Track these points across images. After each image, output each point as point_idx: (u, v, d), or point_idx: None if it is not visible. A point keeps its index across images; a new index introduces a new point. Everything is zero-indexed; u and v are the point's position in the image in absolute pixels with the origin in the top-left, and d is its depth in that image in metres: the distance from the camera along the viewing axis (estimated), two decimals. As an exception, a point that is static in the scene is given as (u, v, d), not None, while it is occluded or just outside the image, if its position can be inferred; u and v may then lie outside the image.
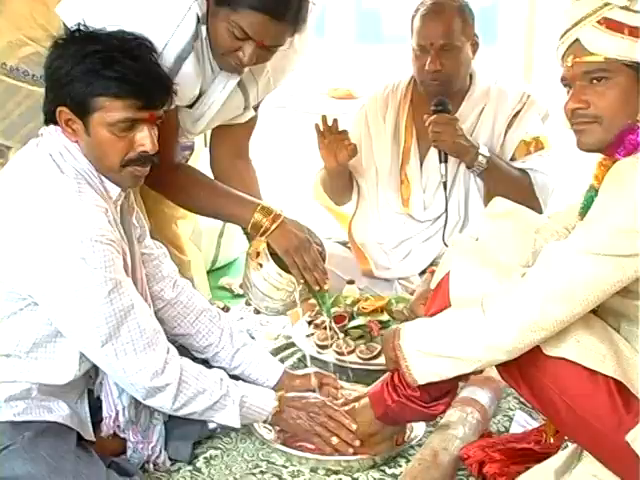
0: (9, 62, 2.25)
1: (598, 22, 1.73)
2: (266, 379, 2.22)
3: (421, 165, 3.00)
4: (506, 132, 2.92)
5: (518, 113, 2.92)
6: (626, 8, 1.71)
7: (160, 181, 2.25)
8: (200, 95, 2.26)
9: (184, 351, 2.19)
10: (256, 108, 2.52)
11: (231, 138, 2.49)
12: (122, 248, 1.89)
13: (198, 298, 2.23)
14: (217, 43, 2.14)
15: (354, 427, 2.07)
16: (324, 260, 2.28)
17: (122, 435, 2.02)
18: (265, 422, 2.11)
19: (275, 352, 2.64)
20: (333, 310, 2.42)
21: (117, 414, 1.97)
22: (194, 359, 2.15)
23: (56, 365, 1.89)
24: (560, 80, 1.83)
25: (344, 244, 3.24)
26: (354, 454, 2.07)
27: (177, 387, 1.90)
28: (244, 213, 2.24)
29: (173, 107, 2.15)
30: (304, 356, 2.63)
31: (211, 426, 2.08)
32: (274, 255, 2.21)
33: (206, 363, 2.20)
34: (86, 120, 1.83)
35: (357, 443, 2.07)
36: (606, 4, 1.72)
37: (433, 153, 2.88)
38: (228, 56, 2.15)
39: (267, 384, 2.22)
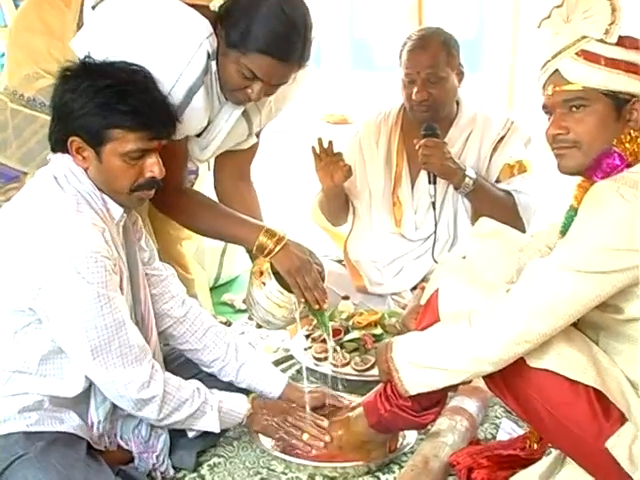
0: (26, 93, 2.26)
1: (576, 54, 1.75)
2: (270, 391, 2.21)
3: (412, 188, 3.00)
4: (491, 156, 2.92)
5: (503, 138, 2.92)
6: (602, 41, 1.73)
7: (169, 205, 2.28)
8: (207, 125, 2.27)
9: (192, 365, 2.21)
10: (258, 134, 2.53)
11: (234, 162, 2.50)
12: (120, 267, 1.89)
13: (205, 315, 2.23)
14: (226, 81, 2.16)
15: (325, 423, 2.11)
16: (324, 280, 2.29)
17: (125, 447, 2.02)
18: (240, 424, 2.12)
19: (275, 364, 2.64)
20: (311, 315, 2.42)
21: (92, 426, 1.96)
22: (200, 372, 2.17)
23: (64, 379, 1.88)
24: (541, 108, 1.85)
25: (339, 262, 3.24)
26: (350, 461, 2.07)
27: (162, 399, 1.90)
28: (249, 235, 2.25)
29: (183, 137, 2.18)
30: (302, 368, 2.63)
31: (190, 434, 2.07)
32: (277, 274, 2.22)
33: (212, 377, 2.21)
34: (99, 149, 1.85)
35: (327, 438, 2.08)
36: (583, 37, 1.74)
37: (423, 176, 2.88)
38: (237, 92, 2.18)
39: (272, 395, 2.22)
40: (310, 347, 2.69)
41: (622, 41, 1.74)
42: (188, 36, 2.08)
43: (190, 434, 2.06)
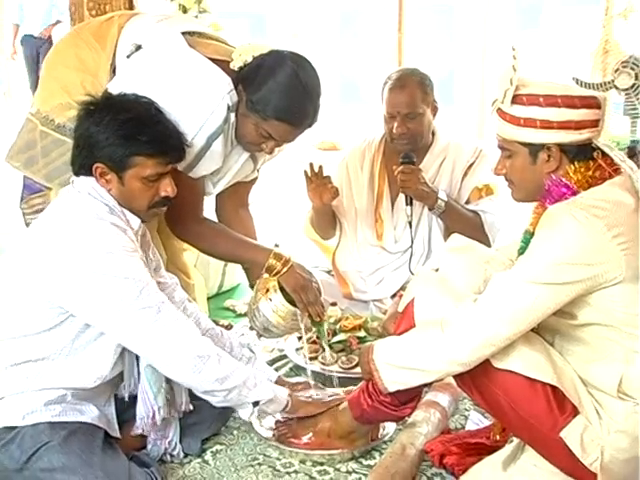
0: (57, 119, 2.26)
1: (496, 112, 1.80)
2: None
3: (392, 207, 3.01)
4: (462, 180, 2.93)
5: (472, 164, 2.93)
6: (501, 103, 1.76)
7: (190, 234, 2.33)
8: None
9: None
10: (259, 169, 2.55)
11: (235, 192, 2.51)
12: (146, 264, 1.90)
13: (204, 319, 2.22)
14: (244, 136, 2.20)
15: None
16: (320, 295, 2.31)
17: (145, 433, 2.01)
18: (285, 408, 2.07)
19: (270, 362, 2.64)
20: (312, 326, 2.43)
21: (154, 414, 1.95)
22: None
23: (88, 368, 1.87)
24: None
25: (328, 272, 3.25)
26: (336, 449, 2.07)
27: (217, 358, 1.87)
28: (260, 258, 2.27)
29: (201, 176, 2.22)
30: (295, 366, 2.63)
31: (242, 412, 1.99)
32: (282, 290, 2.25)
33: None
34: (121, 174, 1.87)
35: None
36: (497, 99, 1.78)
37: (402, 197, 2.89)
38: (252, 145, 2.23)
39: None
40: (301, 347, 2.69)
41: (520, 98, 1.74)
42: (212, 91, 2.11)
43: (241, 412, 1.99)
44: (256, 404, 1.97)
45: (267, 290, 2.26)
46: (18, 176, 2.43)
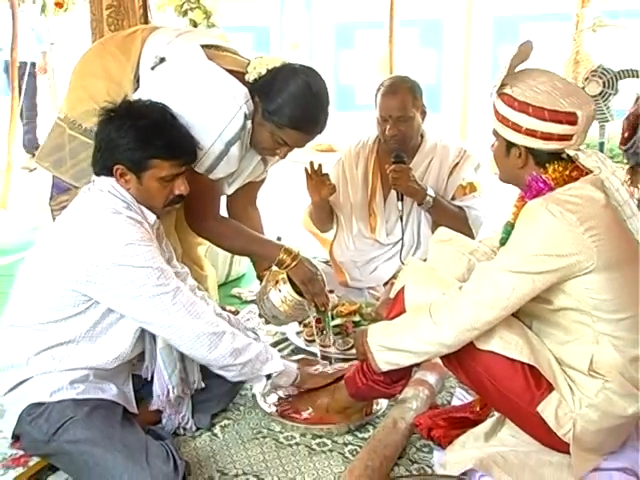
0: (84, 124, 2.26)
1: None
2: None
3: (384, 202, 3.01)
4: (448, 178, 2.92)
5: (457, 164, 2.93)
6: (491, 94, 1.77)
7: (208, 230, 2.34)
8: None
9: None
10: (267, 170, 2.56)
11: (245, 191, 2.51)
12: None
13: (212, 305, 2.22)
14: (260, 142, 2.20)
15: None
16: (325, 287, 2.31)
17: (160, 409, 2.01)
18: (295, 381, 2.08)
19: (274, 345, 2.64)
20: (317, 315, 2.44)
21: (168, 392, 1.96)
22: None
23: (109, 349, 1.87)
24: None
25: (326, 262, 3.24)
26: (333, 423, 2.08)
27: (232, 334, 1.87)
28: (272, 254, 2.28)
29: (218, 177, 2.22)
30: (296, 348, 2.64)
31: (254, 384, 2.01)
32: (290, 282, 2.26)
33: None
34: (140, 175, 1.87)
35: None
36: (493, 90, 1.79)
37: (393, 193, 2.89)
38: (267, 150, 2.24)
39: None
40: (302, 331, 2.70)
41: (503, 97, 1.75)
42: (231, 100, 2.11)
43: (255, 385, 1.99)
44: (268, 377, 1.97)
45: (277, 282, 2.27)
46: (49, 176, 2.43)
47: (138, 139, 1.84)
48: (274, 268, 2.31)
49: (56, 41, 9.08)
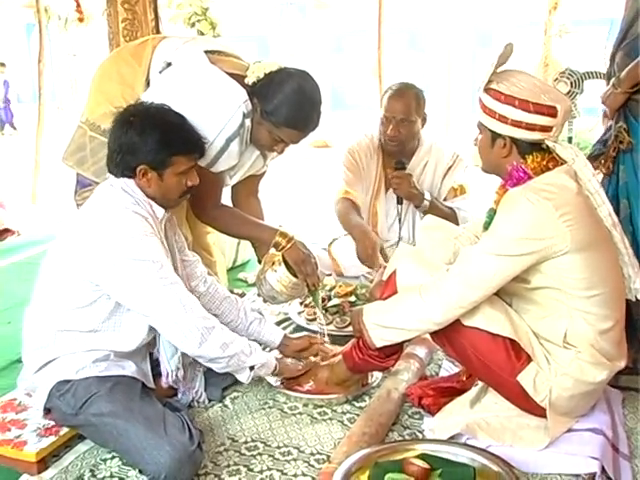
0: (103, 125, 2.23)
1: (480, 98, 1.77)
2: (272, 341, 2.18)
3: (385, 203, 2.93)
4: (442, 181, 2.87)
5: (450, 167, 2.87)
6: (479, 89, 1.75)
7: (210, 217, 2.31)
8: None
9: None
10: (267, 165, 2.52)
11: (247, 183, 2.47)
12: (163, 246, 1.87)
13: (221, 289, 2.19)
14: (259, 140, 2.18)
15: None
16: (317, 269, 2.27)
17: (175, 386, 2.00)
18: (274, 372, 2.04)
19: (277, 324, 2.61)
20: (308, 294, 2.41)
21: (168, 374, 1.95)
22: None
23: (123, 337, 1.85)
24: None
25: (324, 249, 3.20)
26: (333, 394, 2.06)
27: (221, 329, 1.84)
28: (268, 237, 2.25)
29: (220, 171, 2.20)
30: (297, 326, 2.62)
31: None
32: (285, 264, 2.22)
33: None
34: (161, 172, 1.84)
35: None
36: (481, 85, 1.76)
37: (392, 194, 2.84)
38: (265, 147, 2.22)
39: (273, 345, 2.18)
40: (303, 311, 2.67)
41: (490, 91, 1.73)
42: (230, 100, 2.09)
43: (239, 376, 1.94)
44: (251, 368, 1.93)
45: (273, 263, 2.23)
46: (72, 174, 2.40)
47: (161, 140, 1.82)
48: (271, 251, 2.28)
49: (77, 52, 9.04)
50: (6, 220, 4.74)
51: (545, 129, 1.69)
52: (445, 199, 2.87)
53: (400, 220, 2.85)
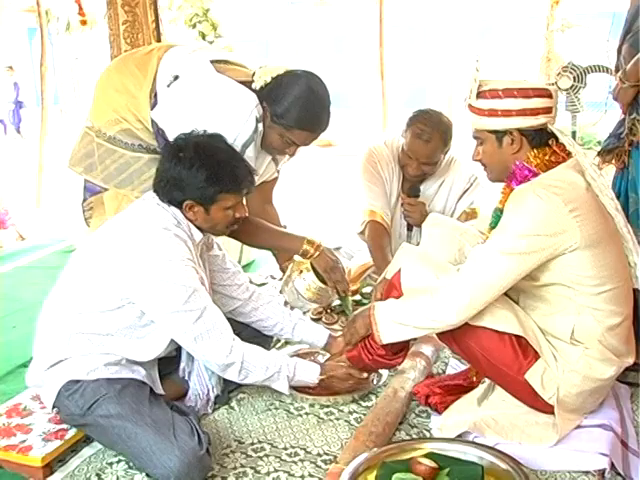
0: (108, 132, 2.24)
1: (468, 106, 1.78)
2: (317, 341, 2.18)
3: (398, 224, 2.85)
4: (456, 203, 2.81)
5: (466, 190, 2.81)
6: (469, 99, 1.75)
7: (236, 230, 2.25)
8: None
9: (255, 332, 2.16)
10: (279, 170, 2.52)
11: (261, 190, 2.45)
12: (198, 272, 1.86)
13: (263, 295, 2.19)
14: (270, 143, 2.17)
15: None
16: (345, 274, 2.28)
17: (196, 407, 2.00)
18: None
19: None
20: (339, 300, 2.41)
21: (208, 391, 1.97)
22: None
23: (146, 346, 1.86)
24: None
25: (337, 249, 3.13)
26: (339, 395, 2.05)
27: (241, 364, 1.83)
28: (296, 246, 2.24)
29: None
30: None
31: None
32: (314, 270, 2.24)
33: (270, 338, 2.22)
34: (208, 207, 1.85)
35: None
36: (466, 97, 1.76)
37: (404, 222, 2.80)
38: (277, 150, 2.21)
39: (319, 345, 2.18)
40: (308, 311, 2.67)
41: (484, 94, 1.73)
42: (243, 106, 2.08)
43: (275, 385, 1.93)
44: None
45: (301, 271, 2.26)
46: (77, 179, 2.40)
47: (209, 178, 1.81)
48: (297, 258, 2.28)
49: (80, 56, 9.06)
50: (9, 225, 4.74)
51: (548, 111, 1.72)
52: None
53: (410, 241, 2.76)
